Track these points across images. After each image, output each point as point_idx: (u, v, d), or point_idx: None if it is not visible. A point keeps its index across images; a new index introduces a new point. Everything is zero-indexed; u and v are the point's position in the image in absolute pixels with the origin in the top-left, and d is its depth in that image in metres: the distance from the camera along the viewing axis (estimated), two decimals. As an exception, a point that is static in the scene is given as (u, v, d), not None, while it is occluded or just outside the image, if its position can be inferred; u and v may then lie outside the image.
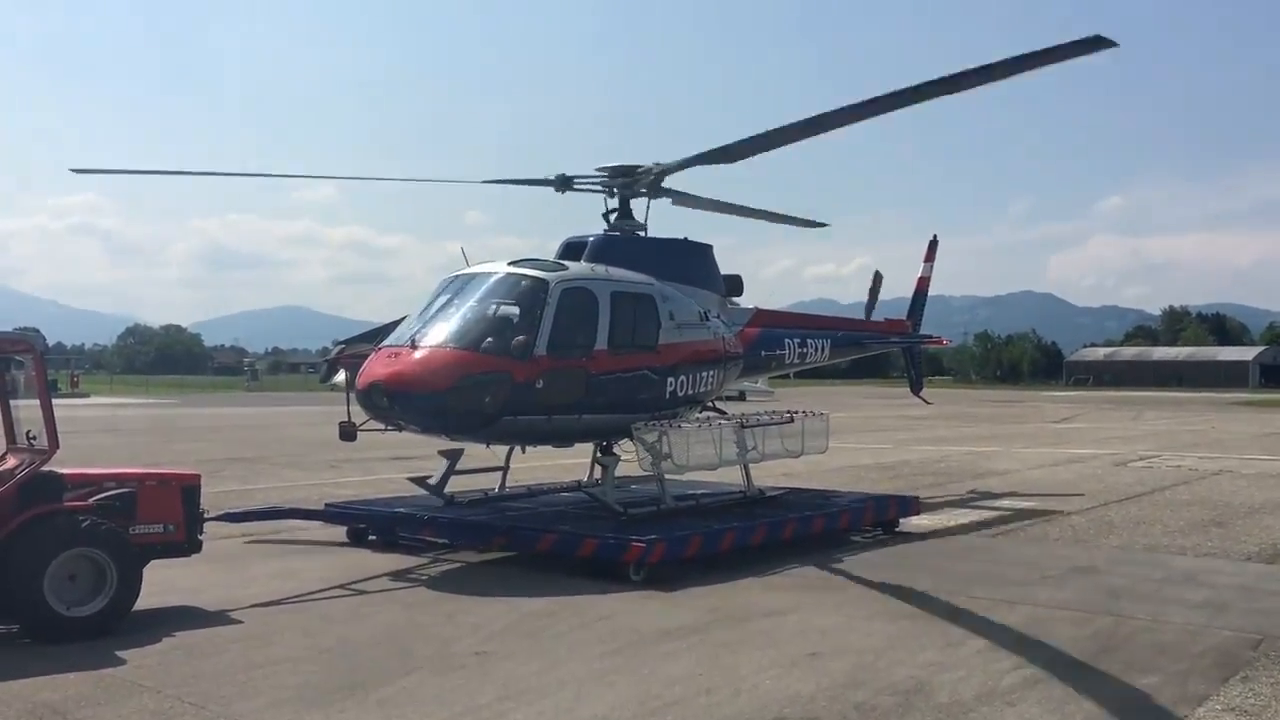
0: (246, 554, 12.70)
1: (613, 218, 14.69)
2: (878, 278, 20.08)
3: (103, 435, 33.24)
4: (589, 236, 13.95)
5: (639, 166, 14.15)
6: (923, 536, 14.42)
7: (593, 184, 14.57)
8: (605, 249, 13.72)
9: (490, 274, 12.59)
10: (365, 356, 12.35)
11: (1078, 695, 7.36)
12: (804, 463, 25.35)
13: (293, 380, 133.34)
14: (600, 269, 13.11)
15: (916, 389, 22.57)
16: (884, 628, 9.22)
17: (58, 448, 9.10)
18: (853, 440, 34.51)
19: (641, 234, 14.65)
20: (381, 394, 11.46)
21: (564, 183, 14.52)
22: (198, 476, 10.37)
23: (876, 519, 14.65)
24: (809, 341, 17.44)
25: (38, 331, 12.62)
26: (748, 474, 14.79)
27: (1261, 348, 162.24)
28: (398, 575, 11.54)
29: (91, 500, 9.19)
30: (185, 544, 9.96)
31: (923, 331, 22.04)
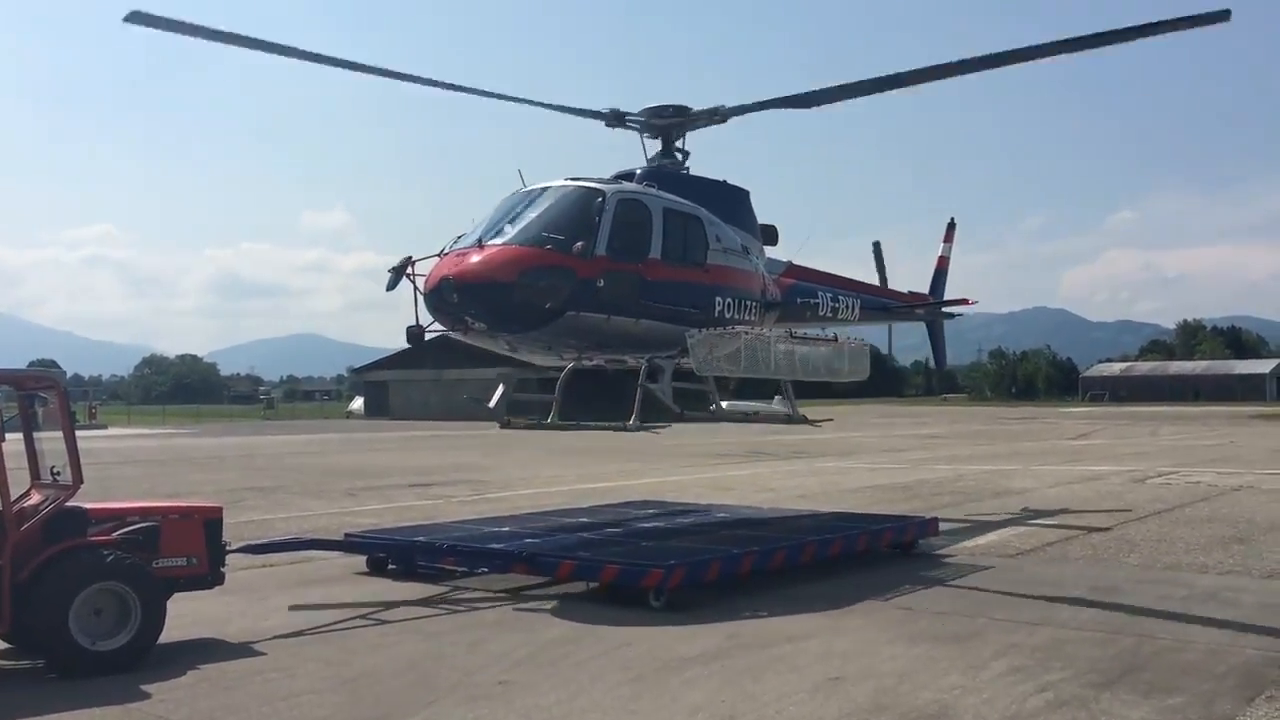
0: (268, 585, 12.74)
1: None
2: (877, 247, 21.10)
3: (122, 466, 33.41)
4: (635, 169, 14.47)
5: (691, 108, 14.55)
6: (942, 558, 14.39)
7: (640, 122, 14.78)
8: (651, 180, 14.22)
9: (550, 187, 13.17)
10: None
11: (1102, 718, 7.34)
12: (821, 483, 25.51)
13: (308, 408, 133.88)
14: (652, 188, 13.78)
15: (940, 365, 22.95)
16: (906, 651, 9.21)
17: (82, 483, 9.19)
18: (870, 460, 34.46)
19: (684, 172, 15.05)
20: (451, 289, 11.92)
21: (616, 118, 14.77)
22: (220, 509, 10.45)
23: (895, 541, 14.63)
24: (840, 298, 17.91)
25: (57, 365, 12.75)
26: (790, 396, 15.36)
27: (1278, 360, 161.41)
28: (419, 604, 11.58)
29: (115, 535, 9.26)
30: (208, 576, 10.03)
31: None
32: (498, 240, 12.25)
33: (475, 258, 12.01)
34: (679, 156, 14.99)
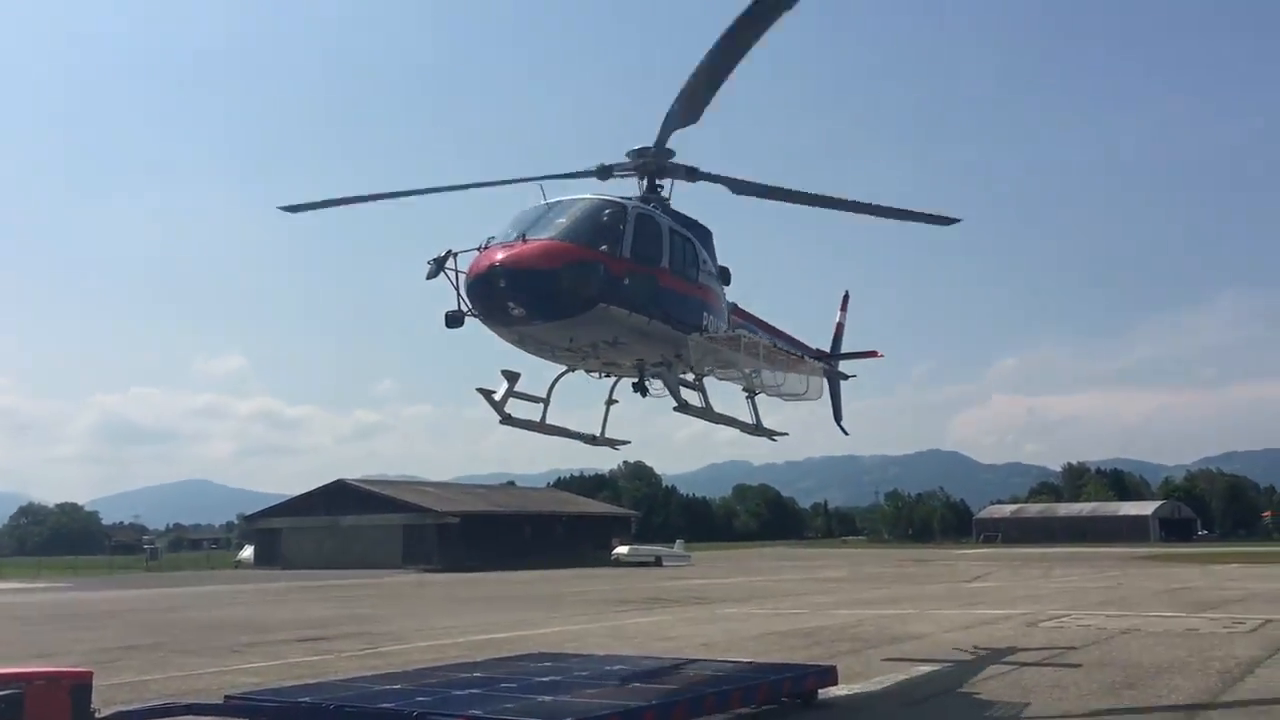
0: (140, 753, 11.99)
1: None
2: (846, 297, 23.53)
3: (-13, 624, 31.50)
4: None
5: (673, 152, 15.49)
6: (840, 707, 14.30)
7: (629, 170, 15.72)
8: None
9: (576, 198, 14.48)
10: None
11: None
12: (722, 630, 25.29)
13: (194, 559, 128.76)
14: (658, 209, 15.20)
15: (838, 419, 24.00)
16: (805, 809, 9.05)
17: (-60, 648, 8.67)
18: (770, 605, 34.34)
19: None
20: (499, 276, 13.07)
21: (604, 172, 15.69)
22: (89, 674, 9.93)
23: (794, 690, 14.49)
24: (776, 344, 19.00)
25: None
26: (755, 411, 16.79)
27: (1160, 502, 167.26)
28: (302, 771, 11.01)
29: (-26, 704, 8.71)
30: (74, 747, 9.44)
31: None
32: (538, 235, 13.50)
33: (522, 248, 13.25)
34: (662, 194, 15.96)
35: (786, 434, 18.19)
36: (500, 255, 13.27)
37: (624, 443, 16.90)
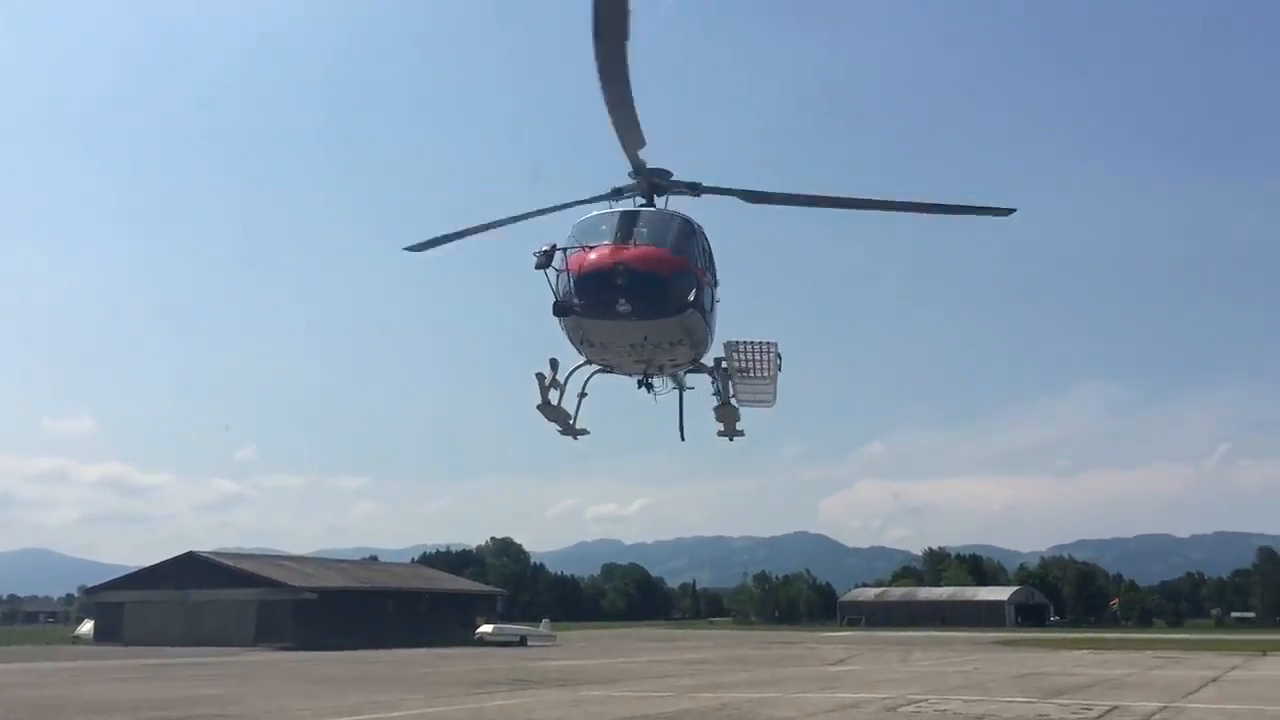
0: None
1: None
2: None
3: None
4: None
5: (671, 172, 16.32)
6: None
7: (633, 191, 16.37)
8: None
9: (653, 209, 15.75)
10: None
11: None
12: (584, 714, 24.88)
13: (29, 633, 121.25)
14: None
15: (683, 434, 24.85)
16: None
17: None
18: (635, 687, 33.96)
19: None
20: (619, 274, 14.02)
21: (616, 194, 16.42)
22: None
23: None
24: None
25: None
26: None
27: (1015, 588, 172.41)
28: None
29: None
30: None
31: None
32: (646, 241, 14.68)
33: (640, 251, 14.36)
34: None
35: (743, 434, 19.51)
36: (619, 255, 14.23)
37: (584, 433, 17.81)
